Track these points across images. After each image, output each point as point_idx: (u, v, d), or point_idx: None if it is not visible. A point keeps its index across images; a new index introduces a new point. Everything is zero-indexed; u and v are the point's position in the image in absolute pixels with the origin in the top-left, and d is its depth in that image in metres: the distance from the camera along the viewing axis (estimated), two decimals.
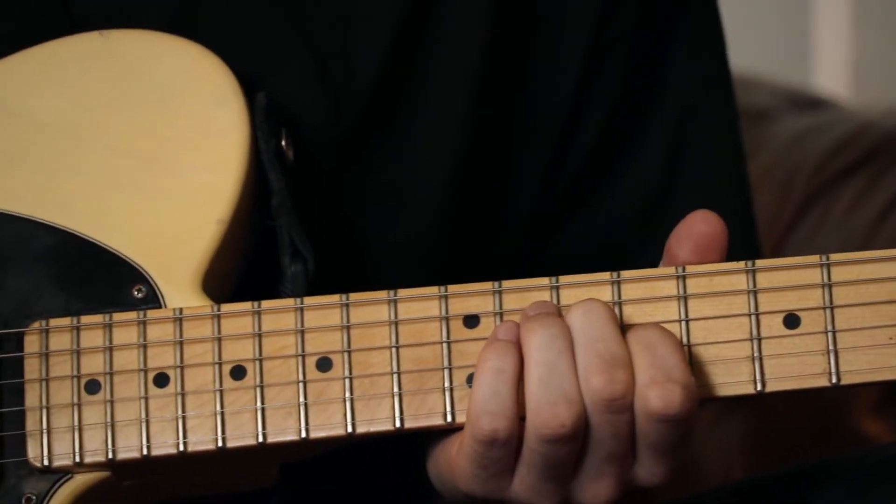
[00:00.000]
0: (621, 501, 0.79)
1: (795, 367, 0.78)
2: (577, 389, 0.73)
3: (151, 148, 0.84)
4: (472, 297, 0.80)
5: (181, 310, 0.80)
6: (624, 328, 0.77)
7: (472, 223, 1.01)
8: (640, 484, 0.78)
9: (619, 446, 0.75)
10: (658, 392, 0.72)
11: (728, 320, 0.79)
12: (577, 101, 1.02)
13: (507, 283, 0.80)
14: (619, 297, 0.79)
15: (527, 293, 0.80)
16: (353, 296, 0.80)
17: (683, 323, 0.78)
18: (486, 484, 0.77)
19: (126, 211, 0.83)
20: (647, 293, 0.79)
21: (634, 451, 0.76)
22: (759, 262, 0.79)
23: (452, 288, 0.80)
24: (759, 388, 0.78)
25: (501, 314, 0.79)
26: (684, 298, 0.78)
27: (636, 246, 0.83)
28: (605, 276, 0.80)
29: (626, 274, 0.80)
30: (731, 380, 0.79)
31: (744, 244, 0.98)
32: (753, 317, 0.78)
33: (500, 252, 1.02)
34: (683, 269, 0.79)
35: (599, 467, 0.76)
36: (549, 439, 0.73)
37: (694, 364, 0.78)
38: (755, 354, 0.78)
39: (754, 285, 0.78)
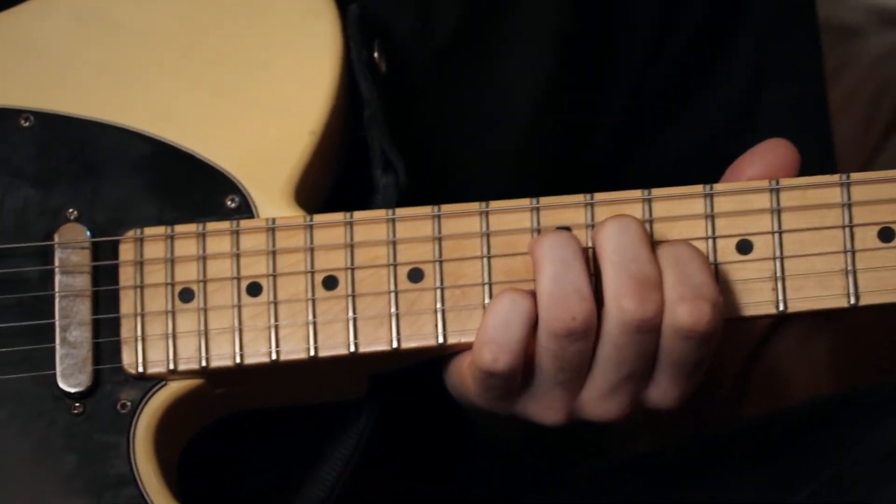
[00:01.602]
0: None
1: (890, 280, 0.81)
2: (589, 288, 0.76)
3: (245, 59, 0.88)
4: (564, 209, 0.82)
5: (274, 220, 0.83)
6: (654, 244, 0.79)
7: (561, 140, 1.04)
8: (651, 405, 0.81)
9: (640, 365, 0.78)
10: (687, 309, 0.75)
11: (822, 233, 0.81)
12: (663, 20, 1.05)
13: (598, 196, 0.82)
14: (712, 210, 0.81)
15: (618, 205, 0.82)
16: (445, 207, 0.83)
17: (776, 235, 0.81)
18: (490, 404, 0.82)
19: (220, 121, 0.87)
20: (739, 206, 0.81)
21: (652, 372, 0.80)
22: (854, 176, 0.81)
23: (544, 200, 0.83)
24: (852, 301, 0.81)
25: (593, 226, 0.81)
26: (777, 211, 0.81)
27: (718, 164, 0.86)
28: (698, 188, 0.82)
29: (718, 187, 0.82)
30: (825, 293, 0.81)
31: (821, 169, 1.00)
32: (847, 230, 0.81)
33: (586, 169, 1.06)
34: (777, 183, 0.81)
35: (617, 385, 0.79)
36: (561, 333, 0.76)
37: (786, 277, 0.80)
38: (849, 268, 0.80)
39: (849, 198, 0.81)
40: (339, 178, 0.91)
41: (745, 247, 0.81)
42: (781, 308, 0.81)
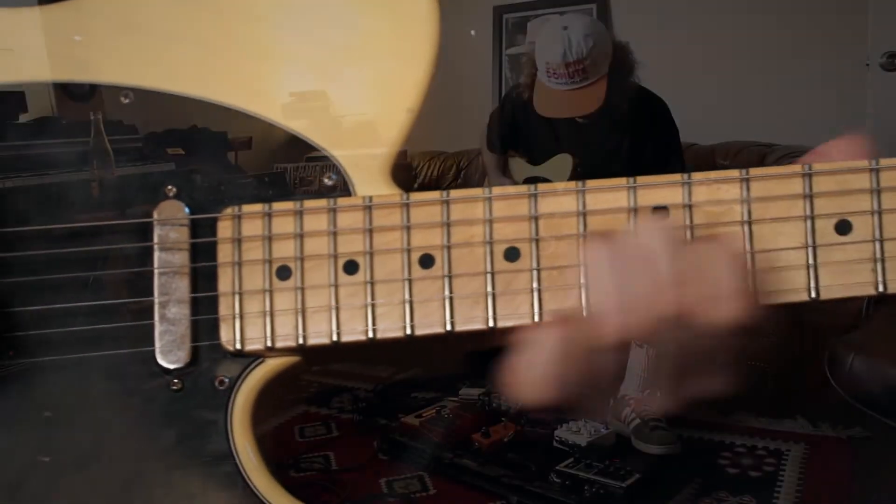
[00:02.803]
0: None
1: None
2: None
3: (342, 35, 0.89)
4: (661, 188, 0.83)
5: (371, 198, 0.85)
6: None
7: None
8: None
9: None
10: None
11: None
12: None
13: (696, 175, 0.83)
14: (811, 190, 0.82)
15: (715, 185, 0.83)
16: (541, 186, 0.84)
17: (876, 216, 0.82)
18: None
19: (316, 98, 0.88)
20: (838, 186, 0.82)
21: None
22: None
23: (641, 179, 0.83)
24: None
25: (690, 206, 0.82)
26: (877, 192, 0.82)
27: None
28: (797, 168, 0.82)
29: (817, 167, 0.82)
30: None
31: None
32: None
33: None
34: (877, 163, 0.82)
35: None
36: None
37: (886, 258, 0.81)
38: None
39: None
40: None
41: (843, 227, 0.82)
42: (881, 289, 0.82)
